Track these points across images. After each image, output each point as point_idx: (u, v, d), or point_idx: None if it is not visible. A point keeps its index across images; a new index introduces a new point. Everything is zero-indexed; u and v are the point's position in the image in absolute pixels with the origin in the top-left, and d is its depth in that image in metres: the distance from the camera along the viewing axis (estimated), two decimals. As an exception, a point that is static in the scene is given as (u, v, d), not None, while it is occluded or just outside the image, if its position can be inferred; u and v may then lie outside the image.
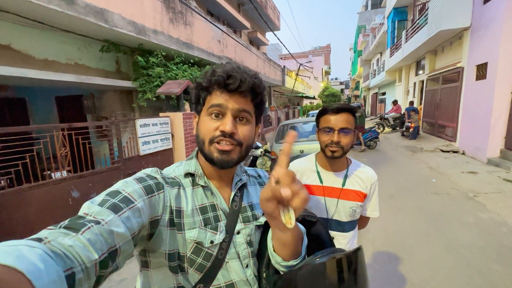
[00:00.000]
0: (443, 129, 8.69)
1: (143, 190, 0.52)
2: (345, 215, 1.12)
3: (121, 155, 3.30)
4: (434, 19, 7.28)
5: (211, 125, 0.58)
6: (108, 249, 0.40)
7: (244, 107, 0.59)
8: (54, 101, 5.71)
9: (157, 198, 0.54)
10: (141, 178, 0.55)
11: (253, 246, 0.65)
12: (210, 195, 0.63)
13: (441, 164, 6.03)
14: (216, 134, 0.57)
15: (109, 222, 0.42)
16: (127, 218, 0.45)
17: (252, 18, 13.02)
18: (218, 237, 0.59)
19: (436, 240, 2.87)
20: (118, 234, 0.42)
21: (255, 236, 0.66)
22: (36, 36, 3.63)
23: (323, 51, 46.65)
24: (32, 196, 2.30)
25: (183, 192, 0.60)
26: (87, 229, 0.38)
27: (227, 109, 0.57)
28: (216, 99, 0.58)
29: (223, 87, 0.57)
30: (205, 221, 0.59)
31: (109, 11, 3.86)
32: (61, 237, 0.35)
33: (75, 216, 0.42)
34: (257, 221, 0.67)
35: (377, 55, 21.54)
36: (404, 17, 13.16)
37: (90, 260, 0.36)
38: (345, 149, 1.05)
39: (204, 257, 0.58)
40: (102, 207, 0.44)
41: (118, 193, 0.48)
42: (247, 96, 0.60)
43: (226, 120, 0.57)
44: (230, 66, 0.59)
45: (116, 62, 5.10)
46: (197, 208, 0.60)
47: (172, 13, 5.47)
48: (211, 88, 0.59)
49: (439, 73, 8.80)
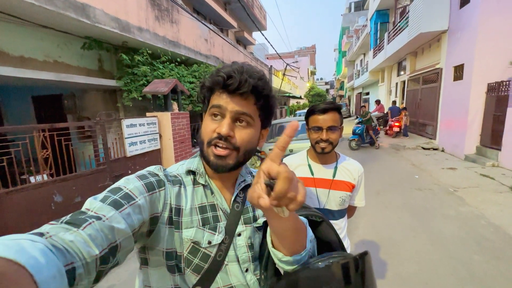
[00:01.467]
0: (424, 127, 9.08)
1: (144, 187, 0.52)
2: (335, 204, 1.21)
3: (107, 157, 3.17)
4: (414, 22, 7.59)
5: (210, 126, 0.57)
6: (109, 245, 0.40)
7: (244, 110, 0.56)
8: (31, 101, 5.39)
9: (158, 195, 0.54)
10: (143, 175, 0.55)
11: (253, 249, 0.64)
12: (210, 194, 0.62)
13: (423, 161, 6.30)
14: (213, 136, 0.56)
15: (110, 218, 0.42)
16: (128, 214, 0.45)
17: (239, 18, 12.98)
18: (216, 237, 0.58)
19: (421, 234, 2.99)
20: (118, 230, 0.42)
21: (255, 239, 0.64)
22: (11, 32, 3.41)
23: (309, 52, 47.36)
24: (10, 201, 2.15)
25: (183, 191, 0.59)
26: (88, 225, 0.38)
27: (226, 111, 0.56)
28: (217, 100, 0.57)
29: (223, 87, 0.55)
30: (203, 221, 0.58)
31: (90, 6, 3.70)
32: (62, 232, 0.36)
33: (77, 211, 0.43)
34: (255, 222, 0.65)
35: (361, 56, 22.12)
36: (386, 19, 13.60)
37: (91, 255, 0.36)
38: (334, 144, 1.15)
39: (201, 258, 0.56)
40: (103, 203, 0.44)
41: (119, 190, 0.48)
42: (248, 98, 0.57)
43: (223, 122, 0.56)
44: (235, 67, 0.57)
45: (99, 60, 4.90)
46: (196, 207, 0.59)
47: (158, 10, 5.34)
48: (214, 88, 0.58)
49: (420, 74, 9.18)
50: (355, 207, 1.34)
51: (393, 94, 13.14)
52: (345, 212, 1.27)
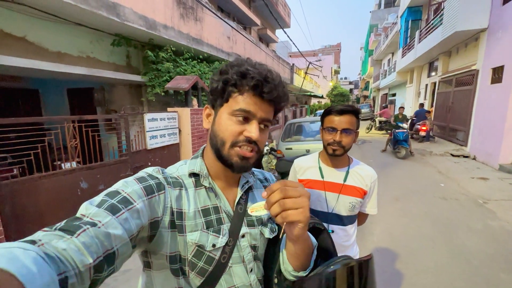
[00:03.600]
0: (454, 132, 8.49)
1: (143, 190, 0.51)
2: (344, 210, 1.17)
3: (129, 149, 3.35)
4: (449, 19, 7.08)
5: (235, 128, 0.56)
6: (104, 252, 0.39)
7: (269, 117, 0.58)
8: (66, 93, 5.82)
9: (158, 199, 0.53)
10: (142, 178, 0.54)
11: (257, 251, 0.64)
12: (213, 196, 0.61)
13: (451, 169, 5.90)
14: (240, 138, 0.56)
15: (106, 224, 0.41)
16: (125, 219, 0.44)
17: (263, 15, 12.94)
18: (220, 240, 0.58)
19: (442, 245, 2.82)
20: (115, 236, 0.41)
21: (260, 241, 0.65)
22: (49, 29, 3.70)
23: (333, 50, 46.03)
24: (42, 186, 2.36)
25: (184, 193, 0.58)
26: (83, 232, 0.37)
27: (255, 117, 0.56)
28: (247, 104, 0.55)
29: (259, 93, 0.55)
30: (207, 224, 0.58)
31: (120, 5, 3.89)
32: (55, 239, 0.35)
33: (72, 217, 0.41)
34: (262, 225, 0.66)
35: (389, 55, 21.11)
36: (418, 16, 12.83)
37: (84, 264, 0.35)
38: (346, 148, 1.12)
39: (206, 260, 0.56)
40: (100, 208, 0.43)
41: (117, 194, 0.47)
42: (272, 105, 0.58)
43: (253, 127, 0.56)
44: (265, 69, 0.56)
45: (127, 56, 5.15)
46: (200, 210, 0.58)
47: (183, 8, 5.48)
48: (243, 88, 0.55)
49: (453, 75, 8.57)
50: (367, 215, 1.29)
51: (421, 96, 12.40)
52: (355, 218, 1.24)
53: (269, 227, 0.67)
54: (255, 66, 0.57)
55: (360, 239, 2.96)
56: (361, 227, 3.27)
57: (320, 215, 1.19)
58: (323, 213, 1.19)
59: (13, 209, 2.15)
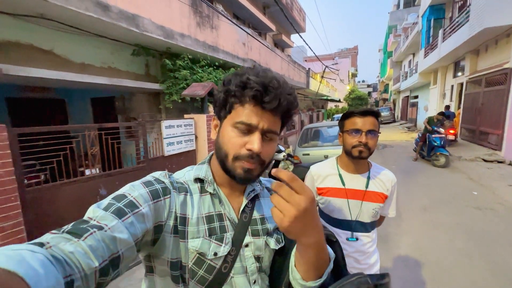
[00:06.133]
0: (485, 136, 7.89)
1: (149, 194, 0.51)
2: (368, 216, 1.15)
3: (147, 155, 3.40)
4: (476, 16, 6.66)
5: (237, 140, 0.54)
6: (110, 256, 0.39)
7: (273, 128, 0.55)
8: (90, 102, 6.11)
9: (163, 203, 0.52)
10: (149, 182, 0.54)
11: (261, 262, 0.61)
12: (218, 203, 0.60)
13: (484, 175, 5.44)
14: (243, 152, 0.54)
15: (112, 227, 0.41)
16: (131, 223, 0.44)
17: (278, 21, 12.97)
18: (222, 249, 0.56)
19: (479, 261, 2.55)
20: (121, 240, 0.41)
21: (265, 252, 0.62)
22: (74, 42, 3.89)
23: (350, 53, 45.13)
24: (64, 192, 2.43)
25: (189, 199, 0.58)
26: (90, 235, 0.38)
27: (256, 128, 0.54)
28: (247, 116, 0.53)
29: (259, 103, 0.52)
30: (210, 231, 0.56)
31: (140, 16, 4.03)
32: (62, 242, 0.35)
33: (79, 220, 0.42)
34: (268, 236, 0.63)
35: (409, 56, 20.34)
36: (441, 15, 12.26)
37: (90, 267, 0.36)
38: (371, 150, 1.10)
39: (206, 269, 0.55)
40: (106, 211, 0.43)
41: (123, 197, 0.47)
42: (277, 115, 0.55)
43: (254, 138, 0.53)
44: (269, 77, 0.52)
45: (146, 65, 5.32)
46: (203, 216, 0.57)
47: (199, 17, 5.59)
48: (243, 98, 0.53)
49: (482, 75, 8.02)
50: (384, 217, 1.28)
51: (447, 98, 11.73)
52: (376, 223, 1.21)
53: (275, 237, 0.64)
54: (259, 74, 0.53)
55: (385, 251, 2.76)
56: (386, 239, 3.05)
57: (343, 223, 1.16)
58: (346, 222, 1.15)
59: (36, 215, 2.21)
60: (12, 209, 1.86)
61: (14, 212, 1.88)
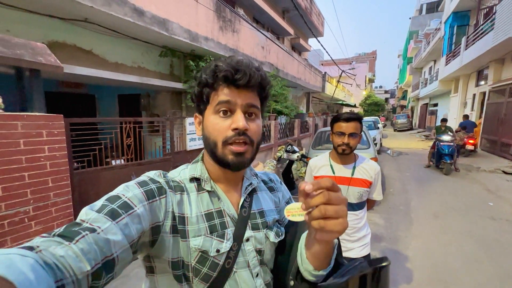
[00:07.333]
0: (507, 148, 7.65)
1: (143, 195, 0.50)
2: (354, 198, 1.41)
3: (172, 149, 3.70)
4: (502, 24, 6.52)
5: (221, 124, 0.54)
6: (103, 259, 0.38)
7: (253, 102, 0.56)
8: (117, 99, 6.54)
9: (159, 203, 0.52)
10: (143, 182, 0.53)
11: (262, 255, 0.62)
12: (216, 200, 0.60)
13: (503, 187, 5.34)
14: (229, 134, 0.54)
15: (105, 229, 0.40)
16: (125, 225, 0.43)
17: (296, 25, 13.12)
18: (224, 245, 0.56)
19: (488, 267, 2.60)
20: (114, 242, 0.40)
21: (266, 245, 0.62)
22: (110, 43, 4.27)
23: (368, 58, 44.40)
24: (103, 176, 2.78)
25: (186, 198, 0.57)
26: (81, 238, 0.37)
27: (236, 105, 0.54)
28: (224, 96, 0.54)
29: (231, 82, 0.53)
30: (211, 228, 0.56)
31: (169, 21, 4.34)
32: (53, 246, 0.34)
33: (71, 222, 0.41)
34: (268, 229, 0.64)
35: (430, 62, 19.80)
36: (465, 22, 11.94)
37: (82, 271, 0.35)
38: (352, 148, 1.37)
39: (210, 266, 0.54)
40: (100, 213, 0.42)
41: (117, 198, 0.46)
42: (254, 91, 0.57)
43: (237, 116, 0.54)
44: (235, 60, 0.55)
45: (170, 65, 5.66)
46: (203, 214, 0.57)
47: (222, 21, 5.88)
48: (216, 84, 0.55)
49: (506, 85, 7.80)
50: (374, 201, 1.54)
51: (468, 107, 11.39)
52: (363, 204, 1.47)
53: (275, 230, 0.64)
54: (225, 60, 0.56)
55: (393, 252, 2.86)
56: (395, 240, 3.14)
57: None
58: None
59: (80, 195, 2.55)
60: (64, 187, 2.18)
61: (66, 190, 2.20)
